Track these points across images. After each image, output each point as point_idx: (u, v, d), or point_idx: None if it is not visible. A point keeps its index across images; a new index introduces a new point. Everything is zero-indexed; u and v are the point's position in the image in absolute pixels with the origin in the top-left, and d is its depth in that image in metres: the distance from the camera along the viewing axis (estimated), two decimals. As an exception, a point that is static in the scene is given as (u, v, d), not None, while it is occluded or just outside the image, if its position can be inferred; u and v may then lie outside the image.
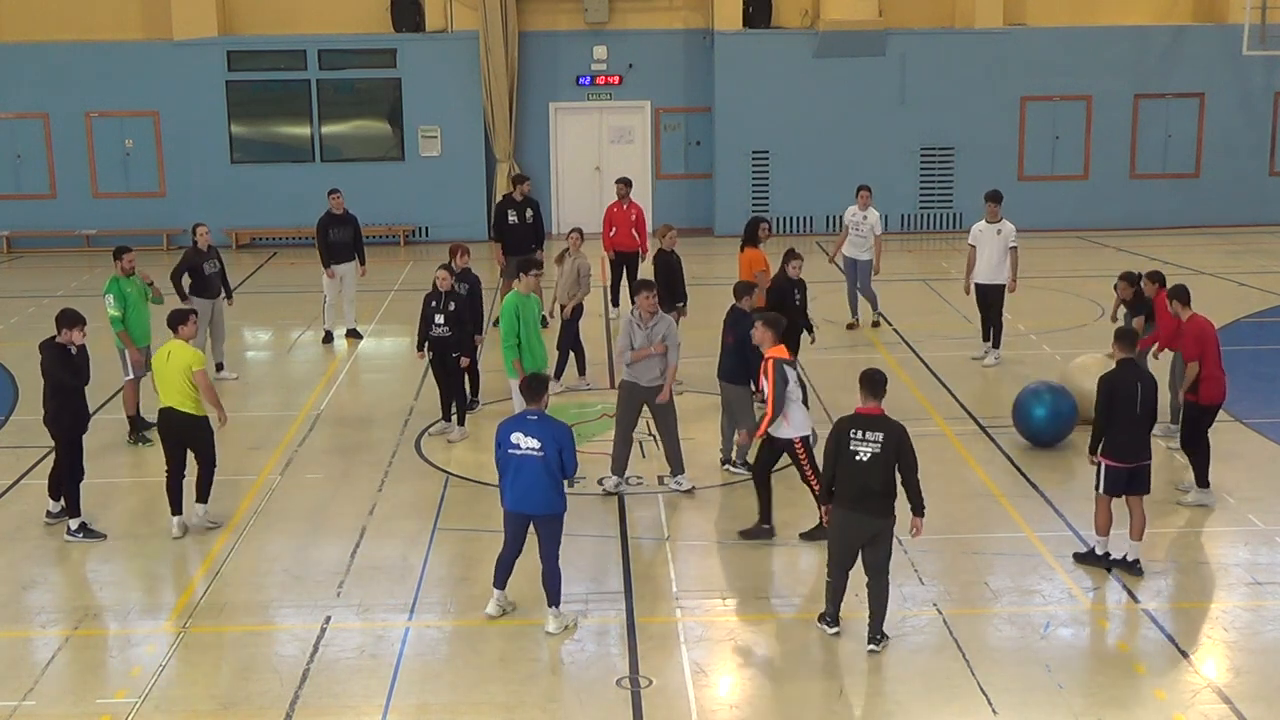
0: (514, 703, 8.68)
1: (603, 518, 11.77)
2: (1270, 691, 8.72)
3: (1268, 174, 26.78)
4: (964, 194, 26.27)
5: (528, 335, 12.86)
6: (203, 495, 11.56)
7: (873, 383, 9.22)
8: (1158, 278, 13.46)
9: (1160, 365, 13.23)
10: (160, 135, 25.93)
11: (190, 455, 11.46)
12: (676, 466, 12.35)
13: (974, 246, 16.51)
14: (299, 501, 12.29)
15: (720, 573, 10.81)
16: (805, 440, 10.87)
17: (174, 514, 11.47)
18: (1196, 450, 11.79)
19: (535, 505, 9.40)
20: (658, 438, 12.52)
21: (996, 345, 16.59)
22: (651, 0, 26.15)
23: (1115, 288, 13.95)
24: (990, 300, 16.47)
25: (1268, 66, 25.94)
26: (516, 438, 9.38)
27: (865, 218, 18.09)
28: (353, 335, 18.33)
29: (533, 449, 9.31)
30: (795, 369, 10.95)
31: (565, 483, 9.50)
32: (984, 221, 16.47)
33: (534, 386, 9.60)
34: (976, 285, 16.56)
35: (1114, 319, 14.34)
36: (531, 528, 9.54)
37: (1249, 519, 11.57)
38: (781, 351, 10.97)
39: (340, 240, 17.97)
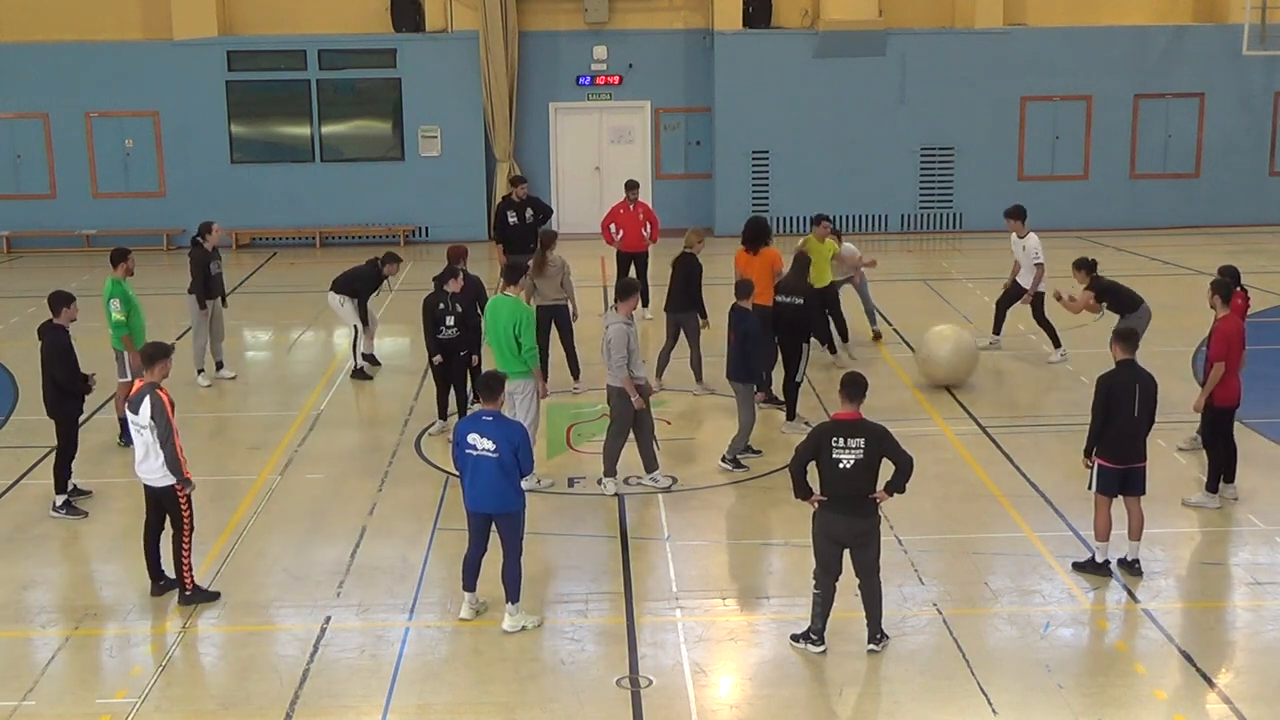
0: (514, 703, 8.68)
1: (603, 518, 11.77)
2: (1270, 691, 8.72)
3: (1268, 174, 26.72)
4: (964, 194, 26.26)
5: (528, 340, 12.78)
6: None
7: (854, 386, 9.11)
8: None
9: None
10: (160, 135, 25.90)
11: None
12: (650, 464, 12.39)
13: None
14: (299, 502, 12.29)
15: (720, 573, 10.82)
16: None
17: None
18: (1210, 451, 11.79)
19: (493, 504, 9.49)
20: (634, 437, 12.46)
21: (1056, 345, 16.46)
22: (651, 0, 26.14)
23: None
24: (1014, 300, 16.71)
25: (1268, 66, 25.91)
26: (473, 438, 9.42)
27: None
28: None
29: (488, 450, 9.37)
30: None
31: (529, 480, 9.47)
32: (1014, 235, 16.72)
33: (490, 386, 9.61)
34: (1015, 281, 16.77)
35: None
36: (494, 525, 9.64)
37: (1249, 519, 11.57)
38: None
39: None
